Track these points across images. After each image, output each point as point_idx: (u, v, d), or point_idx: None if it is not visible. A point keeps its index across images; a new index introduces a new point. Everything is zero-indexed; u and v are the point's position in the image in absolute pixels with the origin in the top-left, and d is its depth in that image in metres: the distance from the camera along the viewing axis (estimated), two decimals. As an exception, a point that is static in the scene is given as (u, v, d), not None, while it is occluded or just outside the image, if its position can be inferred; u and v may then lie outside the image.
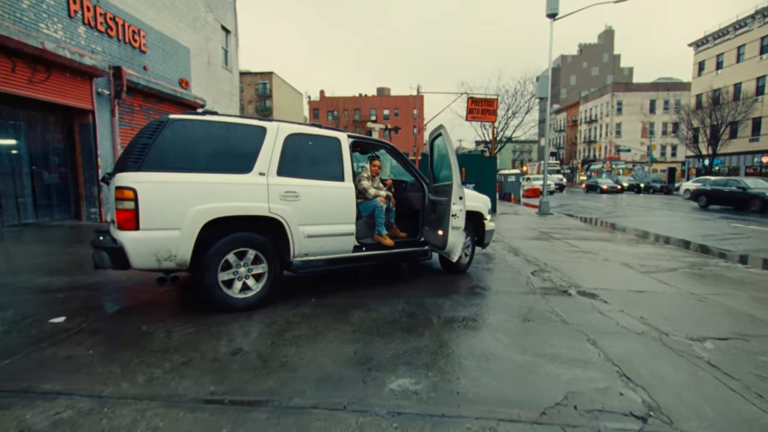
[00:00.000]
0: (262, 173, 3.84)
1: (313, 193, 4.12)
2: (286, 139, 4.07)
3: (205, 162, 3.61)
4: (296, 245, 4.01)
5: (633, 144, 52.84)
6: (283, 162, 4.00)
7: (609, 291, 4.86)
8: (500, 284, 5.05)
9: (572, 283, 5.22)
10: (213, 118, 3.75)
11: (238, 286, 3.78)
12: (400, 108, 64.45)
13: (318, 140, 4.32)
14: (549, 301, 4.39)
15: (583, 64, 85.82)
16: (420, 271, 5.76)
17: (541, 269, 5.98)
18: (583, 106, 65.53)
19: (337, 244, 4.33)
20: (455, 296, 4.44)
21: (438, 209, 4.55)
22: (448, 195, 4.29)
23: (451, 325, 3.57)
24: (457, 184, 4.18)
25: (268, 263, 3.89)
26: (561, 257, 7.03)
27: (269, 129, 3.99)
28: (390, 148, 5.05)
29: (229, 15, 17.09)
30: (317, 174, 4.23)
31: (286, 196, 3.93)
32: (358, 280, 5.07)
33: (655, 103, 55.11)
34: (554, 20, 15.89)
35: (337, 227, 4.29)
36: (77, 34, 9.10)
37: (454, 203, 4.17)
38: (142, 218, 3.25)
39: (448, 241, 4.20)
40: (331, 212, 4.24)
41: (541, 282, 5.21)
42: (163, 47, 12.43)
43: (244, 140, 3.85)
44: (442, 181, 4.74)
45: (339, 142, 4.44)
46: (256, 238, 3.81)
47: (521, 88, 28.20)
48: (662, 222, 13.32)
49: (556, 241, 9.02)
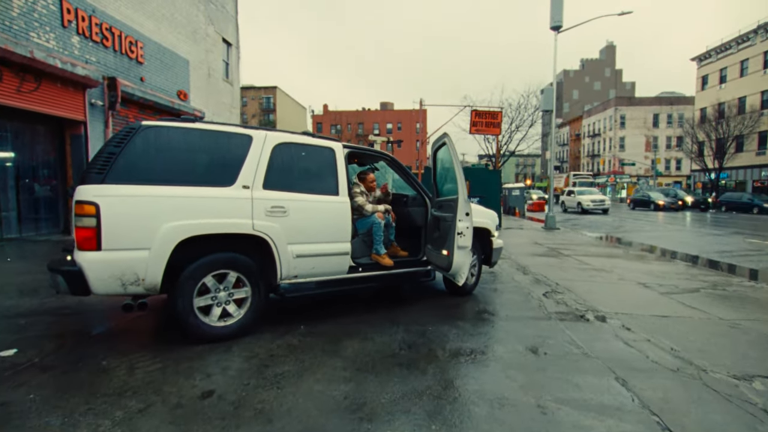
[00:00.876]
0: (246, 186, 3.46)
1: (304, 208, 3.73)
2: (274, 149, 3.69)
3: (181, 174, 3.23)
4: (284, 266, 3.60)
5: (637, 158, 52.48)
6: (271, 174, 3.62)
7: (630, 316, 4.41)
8: (510, 308, 4.60)
9: (589, 306, 4.77)
10: (192, 126, 3.38)
11: (217, 313, 3.36)
12: (403, 122, 64.57)
13: (310, 150, 3.94)
14: (566, 328, 3.94)
15: (585, 79, 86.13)
16: (422, 291, 5.32)
17: (554, 290, 5.53)
18: (586, 120, 65.45)
19: (330, 265, 3.91)
20: (461, 323, 4.00)
21: (442, 226, 4.14)
22: (453, 211, 3.88)
23: (457, 359, 3.13)
24: (463, 198, 3.78)
25: (251, 287, 3.48)
26: (573, 276, 6.58)
27: (255, 138, 3.62)
28: (390, 160, 4.67)
29: (230, 28, 17.00)
30: (309, 187, 3.85)
31: (273, 212, 3.53)
32: (354, 304, 4.63)
33: (658, 117, 54.94)
34: (558, 33, 15.68)
35: (331, 246, 3.88)
36: (71, 44, 8.88)
37: (460, 220, 3.75)
38: (104, 237, 2.85)
39: (454, 262, 3.77)
40: (323, 230, 3.84)
41: (554, 305, 4.76)
42: (162, 59, 12.24)
43: (227, 150, 3.48)
44: (446, 195, 4.34)
45: (333, 152, 4.06)
46: (238, 259, 3.40)
47: (524, 102, 28.03)
48: (672, 237, 12.84)
49: (566, 257, 8.57)
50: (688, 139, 37.87)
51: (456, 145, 4.68)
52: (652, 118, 55.18)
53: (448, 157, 4.05)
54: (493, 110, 18.09)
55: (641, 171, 53.28)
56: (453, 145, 3.96)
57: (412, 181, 4.77)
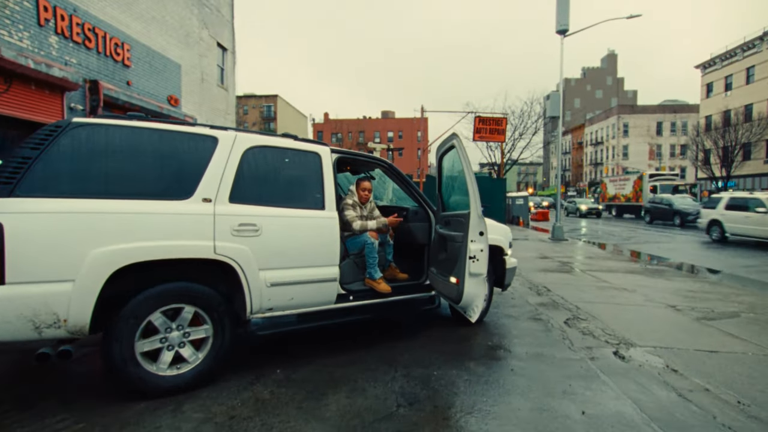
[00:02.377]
0: (207, 199, 2.79)
1: (281, 225, 3.06)
2: (246, 154, 3.03)
3: (122, 184, 2.57)
4: (255, 297, 2.91)
5: (641, 166, 51.78)
6: (240, 184, 2.95)
7: (672, 351, 3.71)
8: (529, 342, 3.89)
9: (620, 337, 4.06)
10: (139, 124, 2.73)
11: (168, 359, 2.67)
12: (405, 130, 64.13)
13: (290, 155, 3.28)
14: (600, 371, 3.23)
15: (587, 87, 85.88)
16: (424, 318, 4.61)
17: (576, 316, 4.83)
18: (588, 129, 64.95)
19: (314, 294, 3.23)
20: (472, 364, 3.29)
21: (450, 248, 3.45)
22: (463, 229, 3.21)
23: (468, 423, 2.43)
24: (477, 214, 3.10)
25: (213, 324, 2.80)
26: (592, 296, 5.87)
27: (222, 140, 2.97)
28: (387, 167, 4.00)
29: (226, 32, 16.50)
30: (288, 200, 3.18)
31: (242, 231, 2.86)
32: (344, 337, 3.92)
33: (662, 125, 54.40)
34: (565, 36, 15.15)
35: (314, 271, 3.20)
36: (48, 44, 8.29)
37: (473, 241, 3.07)
38: (8, 267, 2.18)
39: (465, 292, 3.08)
40: (305, 251, 3.16)
41: (580, 337, 4.06)
42: (151, 62, 11.67)
43: (185, 154, 2.82)
44: (453, 209, 3.67)
45: (319, 158, 3.40)
46: (196, 290, 2.72)
47: (528, 109, 27.48)
48: (684, 250, 12.10)
49: (580, 274, 7.86)
50: (694, 147, 37.23)
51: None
52: (656, 126, 54.62)
53: (456, 164, 3.37)
54: (498, 116, 17.48)
55: (645, 179, 52.50)
56: (463, 149, 3.28)
57: (413, 192, 4.09)
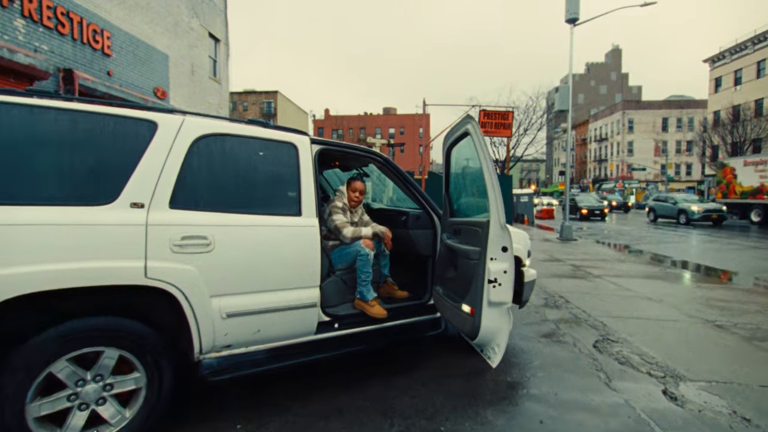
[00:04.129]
0: (137, 204, 2.08)
1: (242, 238, 2.35)
2: (197, 145, 2.32)
3: (9, 185, 1.86)
4: (205, 332, 2.21)
5: (646, 162, 50.93)
6: (186, 183, 2.24)
7: (732, 388, 3.00)
8: (556, 377, 3.17)
9: (665, 368, 3.35)
10: (41, 103, 2.01)
11: (79, 423, 1.96)
12: (406, 126, 63.32)
13: (257, 147, 2.56)
14: (654, 422, 2.52)
15: (591, 83, 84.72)
16: (426, 339, 3.90)
17: (604, 336, 4.12)
18: (592, 125, 64.00)
19: (287, 324, 2.52)
20: (489, 413, 2.58)
21: (461, 266, 2.72)
22: (480, 242, 2.49)
23: None
24: (500, 223, 2.37)
25: (146, 371, 2.09)
26: (618, 309, 5.15)
27: (163, 125, 2.25)
28: (382, 162, 3.27)
29: (218, 22, 15.74)
30: (252, 204, 2.47)
31: (187, 246, 2.15)
32: (329, 372, 3.19)
33: (667, 121, 53.44)
34: (575, 26, 14.37)
35: (287, 295, 2.49)
36: (13, 28, 7.57)
37: (494, 258, 2.35)
38: None
39: (482, 326, 2.35)
40: (275, 270, 2.45)
41: (617, 368, 3.34)
42: (134, 52, 10.94)
43: (108, 144, 2.10)
44: (465, 214, 2.94)
45: (295, 150, 2.68)
46: (120, 328, 2.01)
47: (533, 104, 26.67)
48: (707, 251, 11.34)
49: (598, 279, 7.13)
50: (701, 143, 36.37)
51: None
52: (661, 122, 53.68)
53: (471, 156, 2.61)
54: (504, 110, 16.69)
55: (650, 176, 51.67)
56: (480, 136, 2.53)
57: (414, 192, 3.36)
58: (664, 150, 52.68)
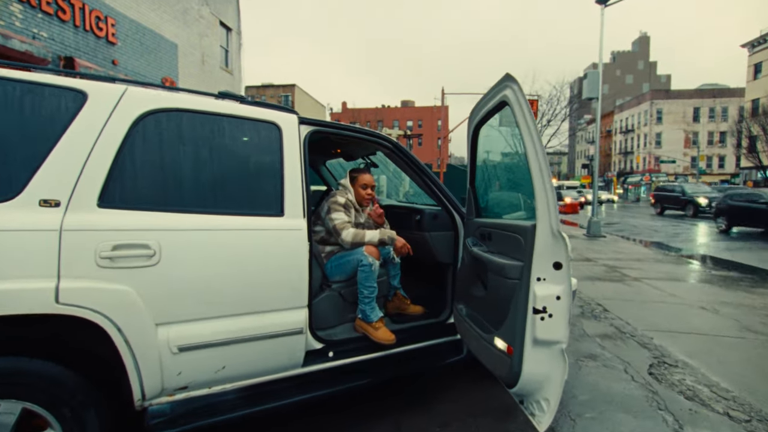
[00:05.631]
0: (50, 202, 1.52)
1: (200, 245, 1.77)
2: (142, 123, 1.75)
3: None
4: (148, 372, 1.65)
5: (675, 155, 48.69)
6: (124, 174, 1.68)
7: None
8: (608, 418, 2.51)
9: (748, 407, 2.66)
10: None
11: (-35, 503, 1.44)
12: (424, 119, 62.33)
13: (227, 127, 1.98)
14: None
15: (617, 72, 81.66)
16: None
17: (660, 360, 3.42)
18: (617, 116, 61.64)
19: (262, 357, 1.94)
20: (529, 477, 1.96)
21: (493, 284, 2.03)
22: (521, 255, 1.82)
23: None
24: (551, 229, 1.71)
25: (63, 428, 1.55)
26: (668, 321, 4.43)
27: (94, 97, 1.69)
28: (392, 148, 2.62)
29: (230, 11, 15.29)
30: (216, 202, 1.89)
31: (119, 259, 1.59)
32: (319, 414, 2.60)
33: (699, 110, 50.93)
34: (605, 6, 13.38)
35: (263, 320, 1.91)
36: (9, 13, 7.21)
37: (542, 279, 1.70)
38: None
39: (523, 372, 1.67)
40: (245, 287, 1.87)
41: (686, 406, 2.66)
42: (141, 40, 10.55)
43: (11, 120, 1.55)
44: (497, 213, 2.29)
45: (278, 132, 2.09)
46: (22, 371, 1.47)
47: (557, 93, 25.48)
48: (753, 250, 10.32)
49: (637, 283, 6.37)
50: (737, 134, 34.32)
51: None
52: (693, 112, 51.21)
53: (509, 135, 1.91)
54: (528, 98, 15.74)
55: (680, 169, 49.44)
56: (525, 106, 1.86)
57: (431, 185, 2.71)
58: (695, 141, 50.27)
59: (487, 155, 2.40)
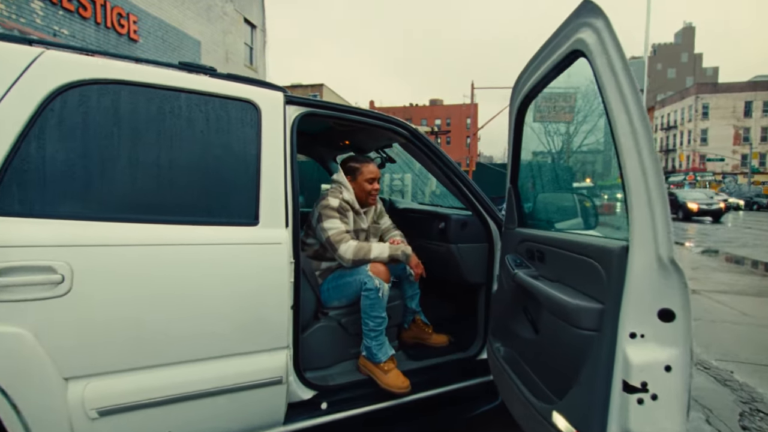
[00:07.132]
0: None
1: (132, 266, 1.27)
2: (60, 99, 1.27)
3: None
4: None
5: (723, 152, 45.57)
6: (28, 169, 1.20)
7: None
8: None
9: None
10: None
11: None
12: (453, 117, 61.27)
13: (183, 106, 1.48)
14: None
15: (657, 66, 77.53)
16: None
17: (752, 405, 2.72)
18: (658, 112, 58.42)
19: (225, 417, 1.43)
20: None
21: (550, 328, 1.38)
22: (601, 292, 1.15)
23: None
24: (656, 255, 1.02)
25: None
26: (747, 348, 3.69)
27: (-10, 61, 1.22)
28: (410, 136, 2.04)
29: (254, 7, 15.09)
30: (162, 206, 1.39)
31: (7, 288, 1.11)
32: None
33: (751, 105, 47.49)
34: (652, -10, 12.32)
35: (225, 367, 1.40)
36: (29, 10, 7.11)
37: (638, 334, 1.00)
38: None
39: None
40: (198, 323, 1.36)
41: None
42: (163, 37, 10.42)
43: None
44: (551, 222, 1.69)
45: (256, 113, 1.57)
46: None
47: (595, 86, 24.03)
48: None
49: (697, 296, 5.55)
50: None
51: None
52: (743, 107, 47.81)
53: (585, 102, 1.34)
54: (564, 92, 14.79)
55: (728, 168, 46.26)
56: (617, 56, 1.21)
57: (459, 183, 2.12)
58: (746, 138, 46.88)
59: (541, 140, 1.80)
